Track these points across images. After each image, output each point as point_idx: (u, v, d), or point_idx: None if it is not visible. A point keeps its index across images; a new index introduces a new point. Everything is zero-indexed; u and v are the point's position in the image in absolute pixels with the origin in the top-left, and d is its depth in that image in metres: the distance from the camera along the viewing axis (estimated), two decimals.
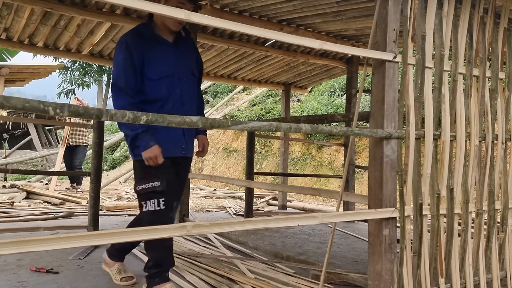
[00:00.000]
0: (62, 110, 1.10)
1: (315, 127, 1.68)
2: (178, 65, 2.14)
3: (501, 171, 2.28)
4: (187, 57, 2.21)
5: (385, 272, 1.79)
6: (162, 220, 1.98)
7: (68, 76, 16.48)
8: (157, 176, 2.03)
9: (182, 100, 2.13)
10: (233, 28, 1.47)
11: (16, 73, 7.66)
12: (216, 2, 3.53)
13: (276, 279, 2.36)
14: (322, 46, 1.67)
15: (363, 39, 4.43)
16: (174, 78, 2.11)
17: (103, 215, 4.99)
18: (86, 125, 5.42)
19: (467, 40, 2.11)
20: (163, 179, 2.04)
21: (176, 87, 2.12)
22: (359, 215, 2.01)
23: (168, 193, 2.06)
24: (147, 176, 2.04)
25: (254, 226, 1.53)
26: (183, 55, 2.18)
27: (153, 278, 2.11)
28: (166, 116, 1.29)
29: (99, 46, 4.54)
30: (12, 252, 1.04)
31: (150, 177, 2.04)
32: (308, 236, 3.94)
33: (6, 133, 14.81)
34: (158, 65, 2.07)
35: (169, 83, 2.09)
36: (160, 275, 2.11)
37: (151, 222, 1.90)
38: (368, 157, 1.90)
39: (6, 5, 3.48)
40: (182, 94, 2.14)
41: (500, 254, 2.26)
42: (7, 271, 2.47)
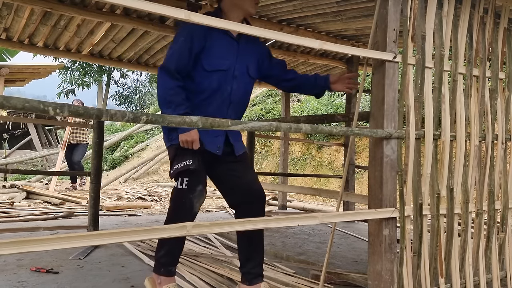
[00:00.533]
0: (62, 110, 1.10)
1: (315, 127, 1.68)
2: (235, 62, 2.08)
3: (501, 171, 2.28)
4: (248, 56, 2.13)
5: (385, 272, 1.79)
6: (181, 198, 1.99)
7: (68, 76, 16.49)
8: (190, 156, 1.99)
9: (230, 98, 2.07)
10: (232, 29, 1.47)
11: (16, 73, 7.66)
12: (216, 2, 3.52)
13: (276, 279, 2.36)
14: (322, 46, 1.67)
15: (363, 39, 4.43)
16: (228, 74, 2.06)
17: (103, 215, 4.99)
18: (87, 124, 5.45)
19: (467, 40, 2.11)
20: (195, 159, 1.99)
21: (227, 84, 2.05)
22: (359, 215, 2.01)
23: (195, 175, 2.00)
24: (181, 157, 2.01)
25: (254, 226, 1.53)
26: (243, 52, 2.11)
27: (159, 265, 2.06)
28: (165, 116, 1.30)
29: (99, 46, 4.54)
30: (12, 252, 1.04)
31: (183, 156, 2.00)
32: (308, 236, 3.94)
33: (6, 133, 14.81)
34: (216, 58, 2.02)
35: (222, 78, 2.03)
36: (166, 267, 2.05)
37: (173, 200, 2.04)
38: (368, 157, 1.90)
39: (6, 5, 3.48)
40: (231, 92, 2.07)
41: (500, 254, 2.26)
42: (7, 271, 2.47)
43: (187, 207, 1.97)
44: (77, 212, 5.07)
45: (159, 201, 6.90)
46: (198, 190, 2.00)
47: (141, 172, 10.50)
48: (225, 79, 2.05)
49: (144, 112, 7.86)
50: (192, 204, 1.98)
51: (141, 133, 13.45)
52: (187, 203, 1.98)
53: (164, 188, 8.72)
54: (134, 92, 19.30)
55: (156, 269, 2.07)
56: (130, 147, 12.69)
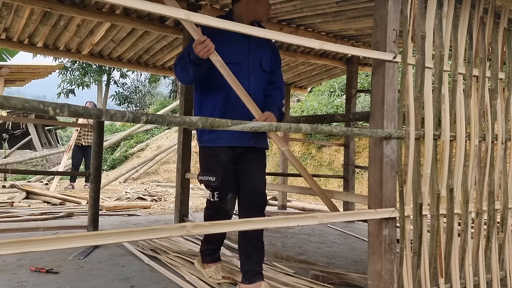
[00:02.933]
0: (61, 110, 1.10)
1: (315, 127, 1.68)
2: (248, 56, 2.12)
3: (501, 171, 2.28)
4: (259, 51, 2.17)
5: (385, 272, 1.79)
6: (216, 209, 2.19)
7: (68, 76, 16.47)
8: (213, 171, 2.13)
9: (249, 92, 2.08)
10: (232, 28, 1.47)
11: (16, 73, 7.67)
12: (216, 2, 3.53)
13: (275, 279, 2.36)
14: (322, 46, 1.67)
15: (362, 39, 4.43)
16: (243, 68, 2.10)
17: (103, 215, 4.99)
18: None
19: (467, 40, 2.11)
20: (219, 175, 2.11)
21: (244, 79, 2.09)
22: (359, 215, 2.01)
23: (223, 187, 2.13)
24: (205, 169, 2.18)
25: (254, 226, 1.53)
26: (254, 48, 2.15)
27: (205, 256, 2.34)
28: (165, 116, 1.30)
29: (99, 46, 4.54)
30: (12, 252, 1.04)
31: (207, 171, 2.16)
32: (308, 236, 3.94)
33: (6, 133, 14.80)
34: (228, 50, 2.05)
35: (236, 72, 2.04)
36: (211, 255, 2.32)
37: (209, 209, 2.27)
38: (368, 157, 1.90)
39: (6, 5, 3.48)
40: (250, 86, 2.10)
41: (500, 254, 2.26)
42: (7, 271, 2.47)
43: (223, 216, 2.12)
44: (77, 212, 5.07)
45: (159, 201, 6.90)
46: (229, 198, 2.17)
47: (141, 172, 10.49)
48: (240, 73, 2.07)
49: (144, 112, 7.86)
50: (226, 212, 2.17)
51: (141, 133, 13.44)
52: (222, 212, 2.16)
53: (164, 188, 8.71)
54: (134, 92, 19.28)
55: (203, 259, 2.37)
56: (130, 147, 12.68)
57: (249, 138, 2.13)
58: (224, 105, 2.12)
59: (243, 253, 2.16)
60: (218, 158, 2.14)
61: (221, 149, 2.14)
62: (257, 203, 2.17)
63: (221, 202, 2.15)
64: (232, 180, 2.17)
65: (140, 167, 10.62)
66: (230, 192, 2.16)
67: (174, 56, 4.93)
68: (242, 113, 2.05)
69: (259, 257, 2.16)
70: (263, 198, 2.20)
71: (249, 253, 2.14)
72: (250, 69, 2.13)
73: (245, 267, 2.13)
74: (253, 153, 2.20)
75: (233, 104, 2.08)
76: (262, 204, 2.20)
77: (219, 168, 2.13)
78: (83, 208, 5.39)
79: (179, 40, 4.32)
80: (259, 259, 2.15)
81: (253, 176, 2.19)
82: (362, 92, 6.91)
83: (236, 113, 2.06)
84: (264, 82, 2.22)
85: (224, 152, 2.14)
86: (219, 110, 2.11)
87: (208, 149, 2.17)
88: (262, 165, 2.27)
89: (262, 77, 2.20)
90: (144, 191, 7.76)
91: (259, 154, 2.24)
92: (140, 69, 5.47)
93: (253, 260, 2.13)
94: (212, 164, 2.15)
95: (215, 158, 2.15)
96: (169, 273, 2.44)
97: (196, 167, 10.68)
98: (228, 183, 2.15)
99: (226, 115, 2.03)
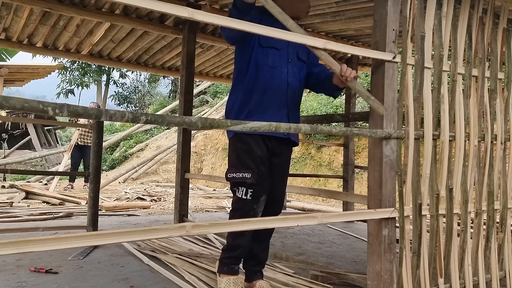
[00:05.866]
0: (61, 110, 1.09)
1: (315, 127, 1.68)
2: (288, 46, 2.06)
3: (500, 171, 2.28)
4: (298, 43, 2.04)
5: (385, 272, 1.79)
6: (245, 209, 1.97)
7: (67, 76, 16.45)
8: (249, 166, 1.96)
9: (288, 80, 2.04)
10: (234, 26, 1.47)
11: (15, 73, 7.67)
12: (215, 2, 3.53)
13: (275, 279, 2.36)
14: (325, 45, 1.67)
15: (362, 39, 4.44)
16: (283, 56, 2.05)
17: (102, 215, 4.99)
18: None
19: (466, 40, 2.11)
20: (255, 170, 1.96)
21: (283, 66, 2.04)
22: (359, 215, 2.01)
23: (258, 184, 1.97)
24: (239, 165, 1.99)
25: (253, 226, 1.53)
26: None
27: (222, 265, 2.09)
28: (165, 116, 1.30)
29: (98, 46, 4.54)
30: (11, 253, 1.04)
31: (242, 166, 1.98)
32: (308, 236, 3.94)
33: (5, 133, 14.79)
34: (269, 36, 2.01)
35: (276, 58, 2.02)
36: (228, 265, 2.07)
37: (236, 209, 2.01)
38: (368, 157, 1.90)
39: (5, 5, 3.48)
40: (288, 74, 2.05)
41: (499, 254, 2.26)
42: (6, 272, 2.47)
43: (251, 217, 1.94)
44: (76, 212, 5.07)
45: (159, 201, 6.90)
46: (262, 200, 2.00)
47: (141, 172, 10.49)
48: (280, 60, 2.04)
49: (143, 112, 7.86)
50: (256, 215, 1.99)
51: (140, 133, 13.44)
52: (251, 213, 1.97)
53: (163, 189, 8.71)
54: (134, 92, 19.27)
55: (219, 268, 2.10)
56: (129, 147, 12.68)
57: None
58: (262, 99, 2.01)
59: (252, 253, 2.15)
60: (253, 153, 1.98)
61: (255, 143, 1.99)
62: (276, 212, 2.15)
63: (253, 202, 1.97)
64: (267, 178, 2.03)
65: (139, 167, 10.62)
66: (264, 193, 2.01)
67: (174, 56, 4.93)
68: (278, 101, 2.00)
69: (263, 258, 2.18)
70: (281, 206, 2.19)
71: (255, 253, 2.15)
72: (290, 58, 2.08)
73: (246, 265, 2.16)
74: (284, 150, 2.11)
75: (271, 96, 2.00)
76: (280, 211, 2.19)
77: (255, 164, 1.98)
78: (82, 208, 5.39)
79: (179, 40, 4.32)
80: (262, 261, 2.18)
81: (278, 184, 2.12)
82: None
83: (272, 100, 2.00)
84: (301, 72, 2.14)
85: (259, 146, 2.00)
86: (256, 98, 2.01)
87: (240, 143, 2.02)
88: (287, 167, 2.21)
89: (299, 66, 2.12)
90: (144, 191, 7.76)
91: (288, 151, 2.17)
92: (140, 69, 5.47)
93: (256, 260, 2.15)
94: (246, 159, 1.98)
95: (249, 152, 1.99)
96: (168, 273, 2.44)
97: (195, 167, 10.68)
98: (265, 180, 2.00)
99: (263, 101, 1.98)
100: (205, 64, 5.32)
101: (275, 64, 2.03)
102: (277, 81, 2.02)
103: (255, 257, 2.15)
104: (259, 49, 2.02)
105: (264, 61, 2.02)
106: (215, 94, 14.61)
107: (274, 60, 2.03)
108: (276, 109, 2.01)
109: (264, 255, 2.18)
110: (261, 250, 2.16)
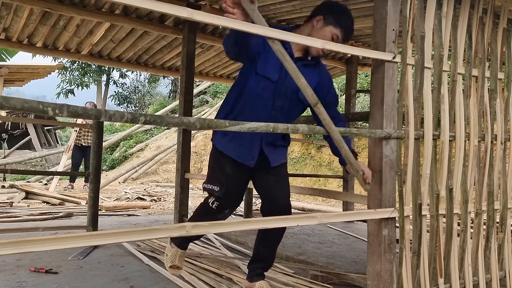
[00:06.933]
0: (61, 110, 1.09)
1: (313, 128, 1.68)
2: (285, 78, 1.95)
3: (500, 171, 2.28)
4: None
5: (385, 272, 1.79)
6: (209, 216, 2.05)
7: (67, 76, 16.43)
8: (219, 181, 2.03)
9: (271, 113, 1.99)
10: (233, 27, 1.47)
11: (15, 73, 7.67)
12: (215, 3, 3.53)
13: (275, 279, 2.36)
14: (324, 45, 1.66)
15: (362, 39, 4.43)
16: (277, 88, 1.98)
17: (102, 215, 4.99)
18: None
19: (466, 40, 2.11)
20: (223, 185, 2.01)
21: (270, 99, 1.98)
22: (359, 215, 2.01)
23: (225, 198, 2.03)
24: (212, 177, 2.08)
25: (253, 226, 1.53)
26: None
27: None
28: (163, 117, 1.29)
29: (98, 46, 4.54)
30: (11, 253, 1.04)
31: (213, 179, 2.07)
32: (308, 236, 3.94)
33: (5, 133, 14.79)
34: (269, 66, 1.97)
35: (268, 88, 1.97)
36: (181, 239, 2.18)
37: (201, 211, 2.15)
38: (368, 157, 1.90)
39: (5, 5, 3.48)
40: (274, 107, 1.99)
41: (499, 254, 2.26)
42: (6, 272, 2.47)
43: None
44: (76, 212, 5.07)
45: (158, 201, 6.90)
46: (225, 213, 2.08)
47: (140, 172, 10.49)
48: (269, 92, 1.98)
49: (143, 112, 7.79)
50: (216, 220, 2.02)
51: (140, 133, 13.44)
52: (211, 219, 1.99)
53: (163, 189, 8.71)
54: (134, 92, 19.26)
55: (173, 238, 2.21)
56: (129, 147, 12.67)
57: (252, 159, 2.00)
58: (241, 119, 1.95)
59: (257, 252, 2.16)
60: (225, 168, 2.03)
61: (226, 162, 2.03)
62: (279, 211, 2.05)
63: (217, 212, 2.06)
64: (235, 194, 2.08)
65: (139, 167, 10.61)
66: (229, 208, 2.09)
67: (174, 56, 4.93)
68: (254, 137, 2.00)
69: (267, 262, 2.18)
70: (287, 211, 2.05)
71: (261, 255, 2.15)
72: (283, 93, 1.99)
73: (251, 265, 2.17)
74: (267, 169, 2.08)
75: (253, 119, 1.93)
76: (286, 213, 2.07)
77: (224, 179, 2.02)
78: (82, 208, 5.39)
79: (179, 40, 4.32)
80: (266, 265, 2.18)
81: (276, 189, 2.08)
82: (361, 92, 6.92)
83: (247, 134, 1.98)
84: (293, 111, 2.07)
85: (233, 163, 2.03)
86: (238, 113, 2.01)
87: (217, 153, 2.08)
88: (281, 172, 2.14)
89: (293, 105, 2.04)
90: (144, 191, 7.76)
91: (275, 168, 2.09)
92: (140, 69, 5.47)
93: (261, 263, 2.16)
94: (217, 173, 2.06)
95: (222, 166, 2.05)
96: (168, 273, 2.44)
97: (195, 167, 10.68)
98: (231, 196, 2.06)
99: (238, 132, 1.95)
100: (205, 64, 5.32)
101: (263, 94, 1.98)
102: (259, 112, 1.98)
103: (261, 260, 2.15)
104: (254, 76, 2.00)
105: (254, 89, 1.99)
106: (215, 94, 14.61)
107: (264, 90, 1.98)
108: (250, 138, 2.00)
109: (270, 259, 2.18)
110: (267, 253, 2.15)
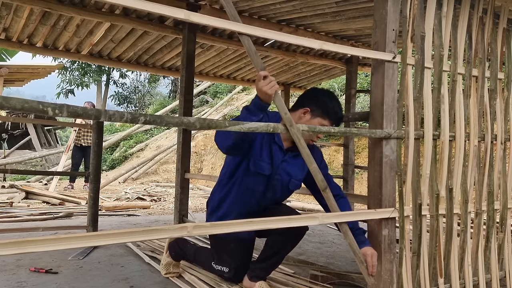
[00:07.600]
0: (61, 110, 1.09)
1: (313, 128, 1.68)
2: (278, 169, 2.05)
3: (500, 171, 2.28)
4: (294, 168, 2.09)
5: (384, 272, 1.79)
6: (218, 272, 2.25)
7: (67, 76, 16.43)
8: (227, 261, 2.17)
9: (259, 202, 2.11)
10: (232, 28, 1.47)
11: (15, 73, 7.67)
12: (215, 2, 3.52)
13: (275, 279, 2.36)
14: (321, 46, 1.67)
15: (362, 39, 4.43)
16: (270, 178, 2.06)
17: (102, 215, 4.99)
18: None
19: (466, 40, 2.11)
20: (232, 266, 2.16)
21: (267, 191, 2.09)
22: (359, 215, 2.01)
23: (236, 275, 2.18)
24: (220, 258, 2.21)
25: (254, 227, 1.53)
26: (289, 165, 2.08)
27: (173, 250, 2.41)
28: (163, 117, 1.30)
29: (98, 46, 4.54)
30: (11, 253, 1.04)
31: (222, 260, 2.20)
32: (308, 236, 3.94)
33: (5, 133, 14.80)
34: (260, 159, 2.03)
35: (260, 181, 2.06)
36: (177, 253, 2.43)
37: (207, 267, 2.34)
38: (368, 157, 1.90)
39: (5, 5, 3.48)
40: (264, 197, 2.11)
41: (499, 254, 2.26)
42: (6, 272, 2.47)
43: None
44: (76, 212, 5.07)
45: (159, 201, 6.90)
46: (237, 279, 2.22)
47: (140, 172, 10.49)
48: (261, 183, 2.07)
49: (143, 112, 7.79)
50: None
51: (140, 133, 13.44)
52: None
53: (163, 189, 8.71)
54: (134, 92, 19.26)
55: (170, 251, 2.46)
56: (129, 147, 12.67)
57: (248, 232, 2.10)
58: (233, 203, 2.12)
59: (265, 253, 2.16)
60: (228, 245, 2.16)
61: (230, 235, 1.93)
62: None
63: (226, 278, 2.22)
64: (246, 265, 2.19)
65: (139, 167, 10.61)
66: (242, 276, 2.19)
67: (174, 56, 4.93)
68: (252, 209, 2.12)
69: (270, 267, 2.19)
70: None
71: (267, 258, 2.15)
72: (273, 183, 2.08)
73: (254, 265, 2.18)
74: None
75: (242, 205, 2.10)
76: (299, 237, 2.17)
77: (231, 258, 2.16)
78: (82, 208, 5.39)
79: (179, 40, 4.32)
80: (269, 269, 2.19)
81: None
82: (361, 92, 6.91)
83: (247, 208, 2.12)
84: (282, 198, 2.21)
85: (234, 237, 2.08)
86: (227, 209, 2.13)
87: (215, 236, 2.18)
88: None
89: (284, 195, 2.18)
90: (144, 191, 7.76)
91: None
92: (140, 69, 5.47)
93: (264, 265, 2.16)
94: (222, 254, 2.19)
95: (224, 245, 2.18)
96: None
97: (195, 167, 10.68)
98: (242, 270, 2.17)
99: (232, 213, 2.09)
100: (205, 64, 5.32)
101: (254, 187, 2.07)
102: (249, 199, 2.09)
103: (265, 262, 2.15)
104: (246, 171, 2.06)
105: (246, 183, 2.06)
106: (215, 94, 14.61)
107: (256, 184, 2.06)
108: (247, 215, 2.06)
109: (272, 264, 2.18)
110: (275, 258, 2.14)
